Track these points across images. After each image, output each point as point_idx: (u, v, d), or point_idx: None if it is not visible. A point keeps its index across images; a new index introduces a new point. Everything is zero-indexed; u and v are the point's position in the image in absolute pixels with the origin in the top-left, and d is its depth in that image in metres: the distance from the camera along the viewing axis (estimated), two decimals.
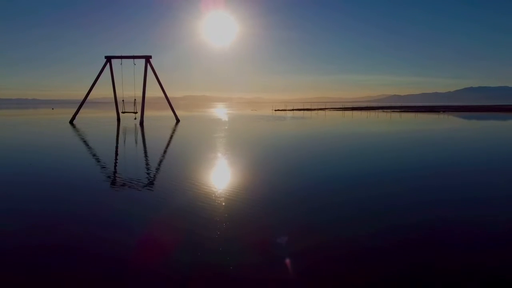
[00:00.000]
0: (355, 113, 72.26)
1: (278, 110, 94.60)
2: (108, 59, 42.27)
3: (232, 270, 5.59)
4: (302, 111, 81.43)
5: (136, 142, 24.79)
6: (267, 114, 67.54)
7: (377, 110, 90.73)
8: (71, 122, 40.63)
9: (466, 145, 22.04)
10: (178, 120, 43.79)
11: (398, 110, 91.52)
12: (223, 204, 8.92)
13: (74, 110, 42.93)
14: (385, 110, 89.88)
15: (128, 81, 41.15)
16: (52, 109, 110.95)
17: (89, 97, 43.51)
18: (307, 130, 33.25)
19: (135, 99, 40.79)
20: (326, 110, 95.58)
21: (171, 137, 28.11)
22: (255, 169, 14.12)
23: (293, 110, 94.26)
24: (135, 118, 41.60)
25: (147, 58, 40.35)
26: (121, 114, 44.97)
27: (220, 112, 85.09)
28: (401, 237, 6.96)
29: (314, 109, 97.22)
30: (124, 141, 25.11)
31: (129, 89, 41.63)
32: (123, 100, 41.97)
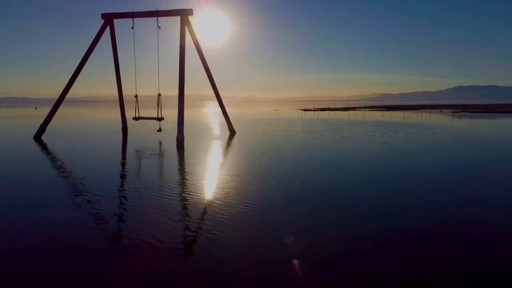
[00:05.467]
0: (404, 113, 53.32)
1: (307, 110, 75.66)
2: (108, 19, 22.32)
3: None
4: (331, 111, 62.36)
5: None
6: (300, 116, 48.32)
7: (422, 110, 71.87)
8: (37, 137, 20.84)
9: None
10: (233, 132, 24.16)
11: (459, 110, 72.71)
12: None
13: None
14: (442, 111, 71.02)
15: (145, 60, 21.54)
16: (36, 108, 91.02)
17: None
18: None
19: (159, 95, 21.05)
20: (357, 110, 76.65)
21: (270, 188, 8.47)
22: None
23: (327, 110, 75.01)
24: (159, 129, 21.80)
25: (185, 15, 20.49)
26: (130, 121, 25.16)
27: (246, 113, 65.73)
28: None
29: (338, 109, 78.47)
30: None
31: (146, 78, 22.03)
32: (136, 96, 22.23)
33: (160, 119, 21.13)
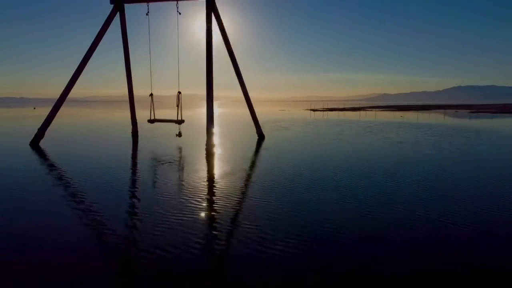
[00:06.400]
0: (418, 114, 49.97)
1: (316, 110, 72.29)
2: (118, 4, 18.95)
3: None
4: (341, 112, 59.03)
5: None
6: (313, 116, 44.87)
7: (436, 111, 68.69)
8: (33, 144, 17.38)
9: None
10: (262, 136, 20.77)
11: (475, 110, 69.45)
12: None
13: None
14: (458, 111, 67.80)
15: (159, 52, 18.12)
16: (34, 108, 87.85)
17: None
18: None
19: (179, 93, 17.62)
20: (367, 110, 73.43)
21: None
22: None
23: (336, 110, 71.90)
24: (179, 134, 18.35)
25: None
26: (142, 124, 21.76)
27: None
28: None
29: (346, 109, 75.64)
30: None
31: (161, 73, 18.61)
32: (151, 95, 18.83)
33: (180, 121, 17.71)
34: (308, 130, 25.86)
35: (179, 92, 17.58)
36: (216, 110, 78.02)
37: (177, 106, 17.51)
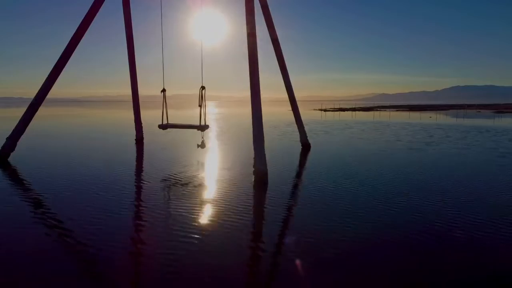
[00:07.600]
0: (437, 114, 45.16)
1: (327, 110, 67.19)
2: None
3: None
4: (353, 112, 54.14)
5: None
6: (329, 117, 40.07)
7: (454, 110, 63.93)
8: (0, 159, 12.39)
9: None
10: (306, 145, 15.79)
11: (496, 110, 64.74)
12: None
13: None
14: (480, 111, 63.14)
15: (174, 42, 12.56)
16: None
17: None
18: None
19: (202, 88, 12.54)
20: (380, 110, 68.80)
21: None
22: None
23: (349, 111, 67.26)
24: (202, 145, 13.28)
25: None
26: (147, 129, 16.85)
27: (264, 114, 57.30)
28: None
29: (357, 109, 71.04)
30: None
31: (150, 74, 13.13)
32: (163, 91, 13.77)
33: (204, 127, 12.66)
34: (353, 134, 20.95)
35: (203, 87, 12.51)
36: (215, 110, 73.32)
37: (200, 106, 12.44)
